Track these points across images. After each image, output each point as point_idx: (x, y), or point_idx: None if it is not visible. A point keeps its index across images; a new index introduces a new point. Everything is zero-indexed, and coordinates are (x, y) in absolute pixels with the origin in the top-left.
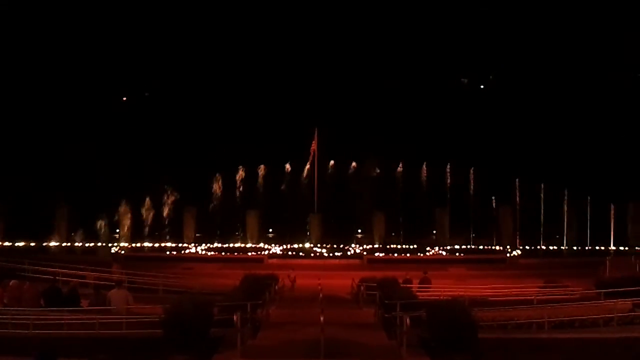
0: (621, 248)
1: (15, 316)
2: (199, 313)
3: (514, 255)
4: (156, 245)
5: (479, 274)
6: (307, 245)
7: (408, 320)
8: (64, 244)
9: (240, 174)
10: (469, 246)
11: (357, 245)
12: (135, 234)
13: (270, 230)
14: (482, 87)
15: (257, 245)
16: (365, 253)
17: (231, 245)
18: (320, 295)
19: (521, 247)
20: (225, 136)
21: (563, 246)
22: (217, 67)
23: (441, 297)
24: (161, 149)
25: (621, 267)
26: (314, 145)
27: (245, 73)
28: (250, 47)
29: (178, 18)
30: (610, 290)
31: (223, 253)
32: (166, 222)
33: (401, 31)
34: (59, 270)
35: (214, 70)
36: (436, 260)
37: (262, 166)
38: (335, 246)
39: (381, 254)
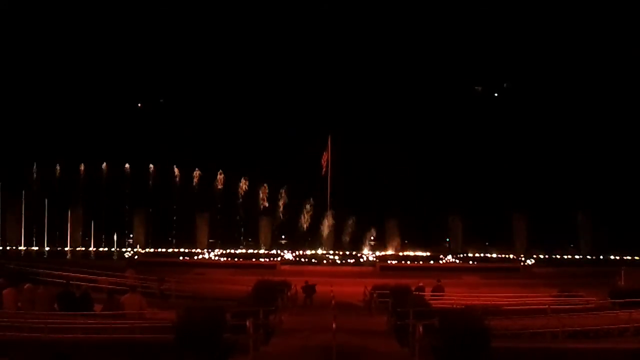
0: (636, 258)
1: (30, 320)
2: (212, 319)
3: (528, 263)
4: (169, 250)
5: (492, 282)
6: (319, 251)
7: (421, 328)
8: (78, 249)
9: (251, 181)
10: (482, 254)
11: (370, 253)
12: (149, 239)
13: (283, 236)
14: (495, 95)
15: (270, 252)
16: (378, 260)
17: (244, 251)
18: (333, 302)
19: (535, 256)
20: (237, 143)
21: (577, 255)
22: (230, 74)
23: (454, 306)
24: (174, 154)
25: (636, 277)
26: (325, 156)
27: (260, 80)
28: (265, 55)
29: (193, 25)
30: (625, 300)
31: (235, 259)
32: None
33: (416, 39)
34: (73, 274)
35: (227, 77)
36: (449, 268)
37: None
38: (347, 253)
39: (394, 262)
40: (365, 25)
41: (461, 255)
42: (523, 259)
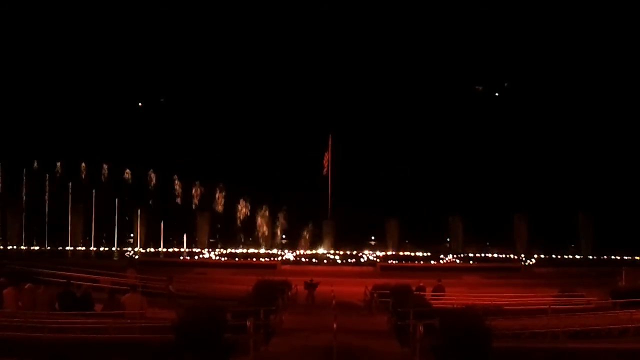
0: (637, 258)
1: (30, 319)
2: (212, 319)
3: (529, 263)
4: (170, 250)
5: (493, 282)
6: (320, 251)
7: (421, 328)
8: (79, 248)
9: (253, 180)
10: (483, 254)
11: (371, 252)
12: (149, 239)
13: (284, 236)
14: (496, 94)
15: (271, 251)
16: (378, 260)
17: (244, 250)
18: (333, 302)
19: (536, 256)
20: (238, 142)
21: (578, 255)
22: (232, 73)
23: (455, 306)
24: (175, 154)
25: (637, 277)
26: (327, 156)
27: (261, 80)
28: (267, 55)
29: (195, 25)
30: (626, 300)
31: (236, 259)
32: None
33: (416, 39)
34: (74, 274)
35: (229, 76)
36: (450, 268)
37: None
38: (348, 253)
39: (394, 261)
40: (365, 26)
41: (462, 255)
42: (524, 259)
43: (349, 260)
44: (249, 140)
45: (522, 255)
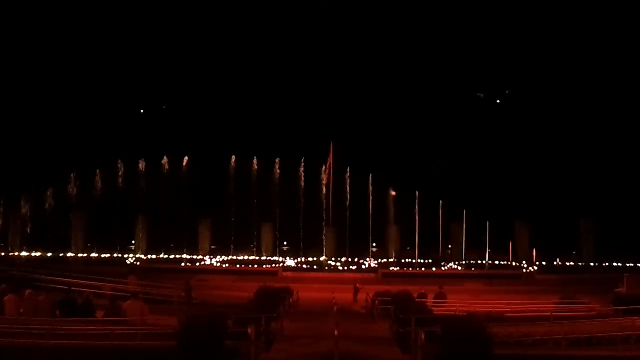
0: (639, 264)
1: (31, 326)
2: (214, 325)
3: (530, 270)
4: (171, 256)
5: (494, 289)
6: (321, 258)
7: (423, 335)
8: (80, 255)
9: (255, 186)
10: (484, 261)
11: (372, 259)
12: (151, 246)
13: (285, 243)
14: (498, 101)
15: (272, 258)
16: (379, 267)
17: (246, 257)
18: (335, 308)
19: (537, 263)
20: (240, 148)
21: (580, 262)
22: (234, 80)
23: (456, 312)
24: (177, 160)
25: (639, 284)
26: (329, 160)
27: (263, 87)
28: (268, 61)
29: (196, 31)
30: (628, 307)
31: (237, 265)
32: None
33: (418, 45)
34: (74, 280)
35: (230, 83)
36: (451, 275)
37: (277, 177)
38: (349, 259)
39: (396, 268)
40: (367, 32)
41: (463, 262)
42: (525, 265)
43: (350, 267)
44: (250, 143)
45: (524, 262)
